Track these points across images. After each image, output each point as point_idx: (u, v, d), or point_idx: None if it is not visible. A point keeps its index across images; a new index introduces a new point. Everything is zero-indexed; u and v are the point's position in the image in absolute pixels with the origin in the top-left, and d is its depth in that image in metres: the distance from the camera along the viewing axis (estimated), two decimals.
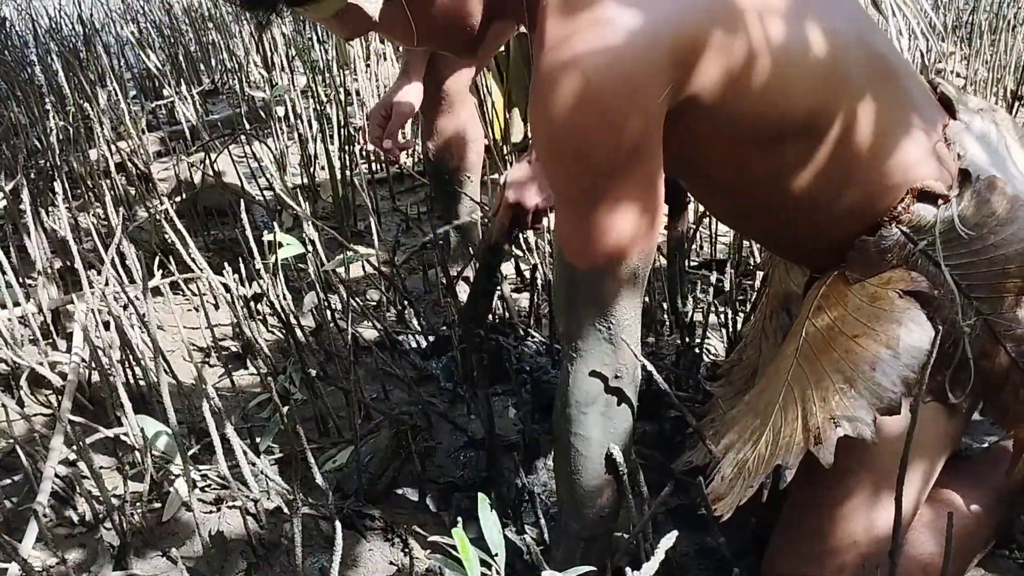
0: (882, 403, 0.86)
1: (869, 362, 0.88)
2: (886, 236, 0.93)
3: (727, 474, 0.95)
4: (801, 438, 0.88)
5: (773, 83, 0.84)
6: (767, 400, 0.98)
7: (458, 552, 0.75)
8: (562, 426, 0.94)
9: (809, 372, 0.93)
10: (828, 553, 0.94)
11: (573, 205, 0.86)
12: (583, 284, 0.88)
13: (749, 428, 0.98)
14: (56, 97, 2.91)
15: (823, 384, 0.90)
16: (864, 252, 0.94)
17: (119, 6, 4.53)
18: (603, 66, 0.78)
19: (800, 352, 0.96)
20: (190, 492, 1.10)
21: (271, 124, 2.59)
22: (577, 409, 0.92)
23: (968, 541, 1.03)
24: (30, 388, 1.54)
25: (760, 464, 0.91)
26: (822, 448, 0.86)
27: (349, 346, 1.41)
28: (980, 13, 3.16)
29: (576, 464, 0.93)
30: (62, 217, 1.68)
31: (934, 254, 0.90)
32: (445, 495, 1.29)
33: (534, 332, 1.68)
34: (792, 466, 0.87)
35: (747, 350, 1.25)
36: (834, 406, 0.88)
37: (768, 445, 0.92)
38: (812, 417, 0.89)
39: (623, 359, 0.91)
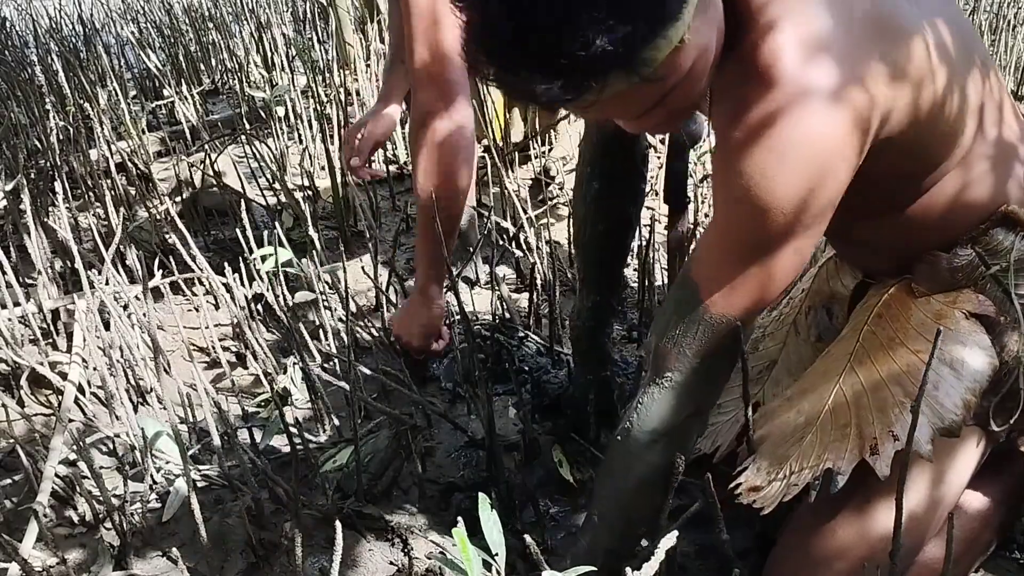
0: (943, 423, 0.85)
1: (932, 380, 0.87)
2: (960, 255, 0.92)
3: (764, 466, 0.94)
4: (854, 445, 0.87)
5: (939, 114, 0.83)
6: (814, 400, 0.96)
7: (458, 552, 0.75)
8: (626, 447, 0.93)
9: (865, 378, 0.92)
10: (833, 556, 0.94)
11: (739, 252, 0.82)
12: (710, 327, 0.85)
13: (791, 424, 0.96)
14: (56, 97, 2.91)
15: (881, 394, 0.89)
16: (935, 267, 0.93)
17: (119, 6, 4.53)
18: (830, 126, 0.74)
19: (855, 356, 0.95)
20: (190, 492, 1.10)
21: (271, 124, 2.59)
22: (650, 436, 0.91)
23: (972, 544, 1.03)
24: (30, 388, 1.54)
25: (805, 461, 0.90)
26: (879, 460, 0.85)
27: (349, 346, 1.41)
28: (980, 13, 3.16)
29: (631, 487, 0.94)
30: (62, 217, 1.68)
31: (1005, 280, 0.90)
32: (445, 495, 1.29)
33: (534, 332, 1.68)
34: (845, 472, 0.86)
35: (765, 340, 1.24)
36: (893, 419, 0.87)
37: (815, 445, 0.91)
38: (868, 426, 0.88)
39: (712, 398, 0.92)
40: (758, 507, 0.91)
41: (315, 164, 2.56)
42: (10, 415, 1.40)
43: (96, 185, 2.26)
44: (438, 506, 1.27)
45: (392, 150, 2.61)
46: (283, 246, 1.65)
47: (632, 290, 1.82)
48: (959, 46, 0.84)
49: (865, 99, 0.76)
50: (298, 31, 4.05)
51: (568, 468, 1.31)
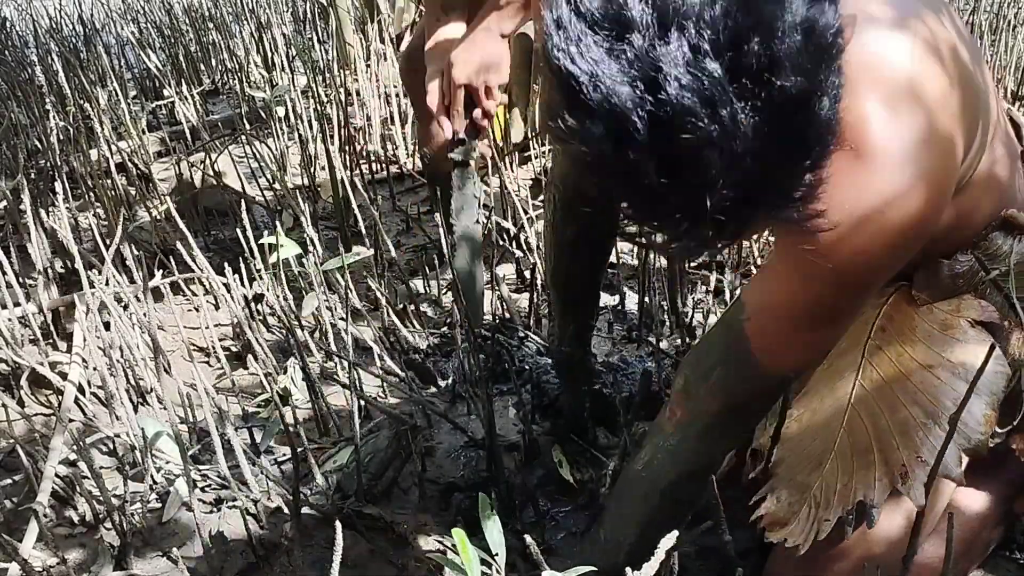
0: (969, 444, 0.84)
1: (952, 399, 0.86)
2: (961, 261, 0.91)
3: (783, 496, 0.93)
4: (882, 473, 0.86)
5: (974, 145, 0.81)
6: (825, 421, 0.95)
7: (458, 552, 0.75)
8: (655, 484, 0.93)
9: (878, 398, 0.91)
10: (834, 557, 0.94)
11: (809, 321, 0.80)
12: (760, 380, 0.85)
13: (806, 448, 0.95)
14: (56, 97, 2.91)
15: (900, 416, 0.88)
16: (936, 274, 0.93)
17: (119, 6, 4.53)
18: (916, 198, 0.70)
19: (863, 373, 0.94)
20: (190, 492, 1.10)
21: (271, 124, 2.59)
22: (679, 476, 0.92)
23: (973, 543, 1.03)
24: (30, 388, 1.54)
25: (831, 494, 0.89)
26: (912, 488, 0.84)
27: (349, 346, 1.41)
28: (980, 13, 3.15)
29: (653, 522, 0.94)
30: (62, 217, 1.68)
31: (1005, 285, 0.89)
32: (445, 495, 1.29)
33: (534, 332, 1.68)
34: (879, 504, 0.86)
35: None
36: (919, 443, 0.86)
37: (836, 473, 0.90)
38: (893, 452, 0.87)
39: (746, 435, 0.93)
40: (790, 545, 0.90)
41: (315, 164, 2.56)
42: (10, 415, 1.40)
43: (96, 185, 2.26)
44: (438, 506, 1.27)
45: (392, 150, 2.61)
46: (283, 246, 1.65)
47: (633, 291, 1.82)
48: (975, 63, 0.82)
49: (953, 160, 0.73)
50: (298, 31, 4.05)
51: (568, 468, 1.31)
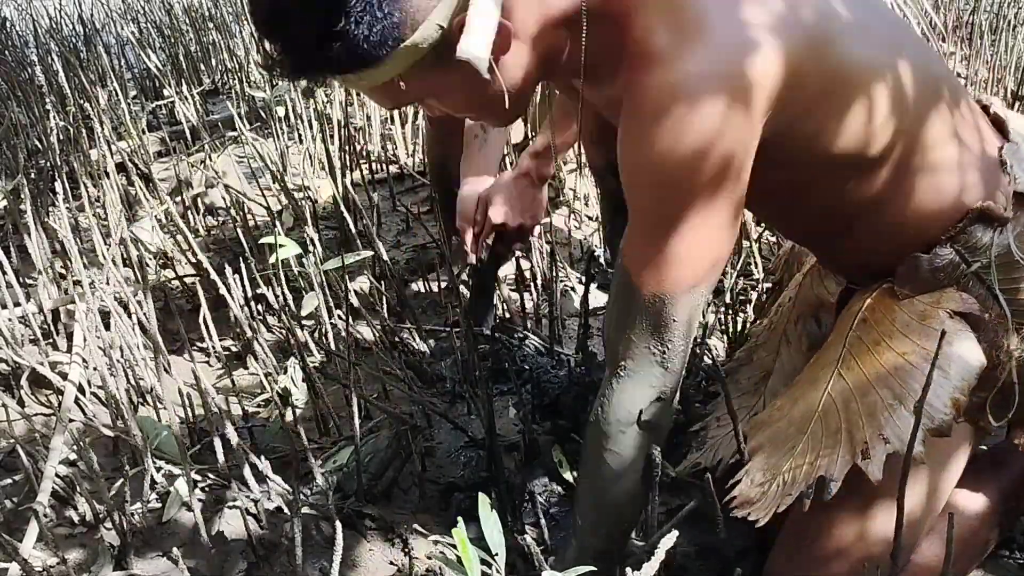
0: (933, 423, 0.86)
1: (919, 380, 0.87)
2: (940, 255, 0.92)
3: (757, 478, 0.94)
4: (846, 451, 0.88)
5: (848, 110, 0.85)
6: (804, 408, 0.96)
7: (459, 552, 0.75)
8: (597, 441, 0.93)
9: (853, 384, 0.92)
10: (832, 556, 0.94)
11: (654, 230, 0.85)
12: (645, 308, 0.87)
13: (783, 434, 0.97)
14: (56, 97, 2.91)
15: (869, 399, 0.90)
16: (916, 269, 0.94)
17: (119, 6, 4.53)
18: (716, 96, 0.77)
19: (842, 362, 0.95)
20: (190, 492, 1.10)
21: (271, 124, 2.59)
22: (616, 427, 0.91)
23: (972, 543, 1.03)
24: (31, 388, 1.54)
25: (798, 472, 0.90)
26: (871, 464, 0.85)
27: (349, 346, 1.41)
28: (980, 13, 3.15)
29: (607, 481, 0.93)
30: (62, 217, 1.69)
31: (987, 277, 0.90)
32: (445, 495, 1.29)
33: (534, 332, 1.68)
34: (837, 479, 0.86)
35: (758, 351, 1.24)
36: (883, 422, 0.87)
37: (807, 454, 0.91)
38: (859, 431, 0.88)
39: (670, 383, 0.91)
40: (752, 519, 0.91)
41: (315, 164, 2.56)
42: (10, 415, 1.40)
43: (96, 185, 2.26)
44: (438, 506, 1.27)
45: (392, 150, 2.61)
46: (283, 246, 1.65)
47: None
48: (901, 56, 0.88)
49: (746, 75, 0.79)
50: None
51: (568, 468, 1.31)
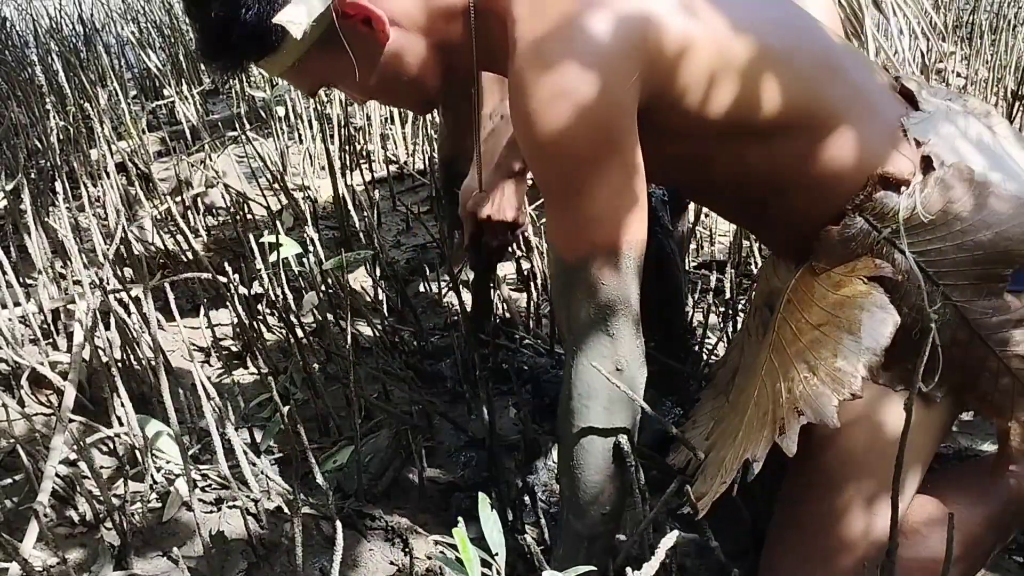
0: (843, 387, 0.86)
1: (831, 349, 0.88)
2: (850, 225, 0.93)
3: (708, 473, 0.96)
4: (769, 431, 0.88)
5: (727, 80, 0.88)
6: (744, 397, 0.98)
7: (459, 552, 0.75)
8: (565, 419, 0.94)
9: (779, 365, 0.93)
10: (825, 554, 0.94)
11: (556, 199, 0.89)
12: (574, 277, 0.90)
13: (731, 427, 0.98)
14: (56, 97, 2.91)
15: (790, 375, 0.91)
16: (829, 242, 0.95)
17: (119, 6, 4.53)
18: (572, 61, 0.82)
19: (772, 346, 0.97)
20: (190, 492, 1.10)
21: (271, 124, 2.59)
22: (579, 402, 0.92)
23: (975, 545, 1.03)
24: (31, 388, 1.54)
25: (735, 460, 0.91)
26: (785, 438, 0.85)
27: (349, 346, 1.41)
28: (980, 13, 3.16)
29: (578, 458, 0.94)
30: (62, 217, 1.69)
31: (899, 241, 0.90)
32: (445, 495, 1.29)
33: (534, 332, 1.68)
34: (759, 459, 0.87)
35: (732, 352, 1.25)
36: (798, 396, 0.88)
37: (743, 443, 0.92)
38: (780, 409, 0.89)
39: (622, 351, 0.91)
40: (695, 512, 0.91)
41: (315, 164, 2.56)
42: (10, 415, 1.40)
43: (96, 185, 2.26)
44: (438, 506, 1.27)
45: (392, 150, 2.62)
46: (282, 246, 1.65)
47: None
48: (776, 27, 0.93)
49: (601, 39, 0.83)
50: None
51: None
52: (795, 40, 0.94)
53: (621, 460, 0.93)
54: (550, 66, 0.82)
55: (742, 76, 0.89)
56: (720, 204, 1.13)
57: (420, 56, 0.95)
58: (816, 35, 0.97)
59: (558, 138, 0.83)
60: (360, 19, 0.91)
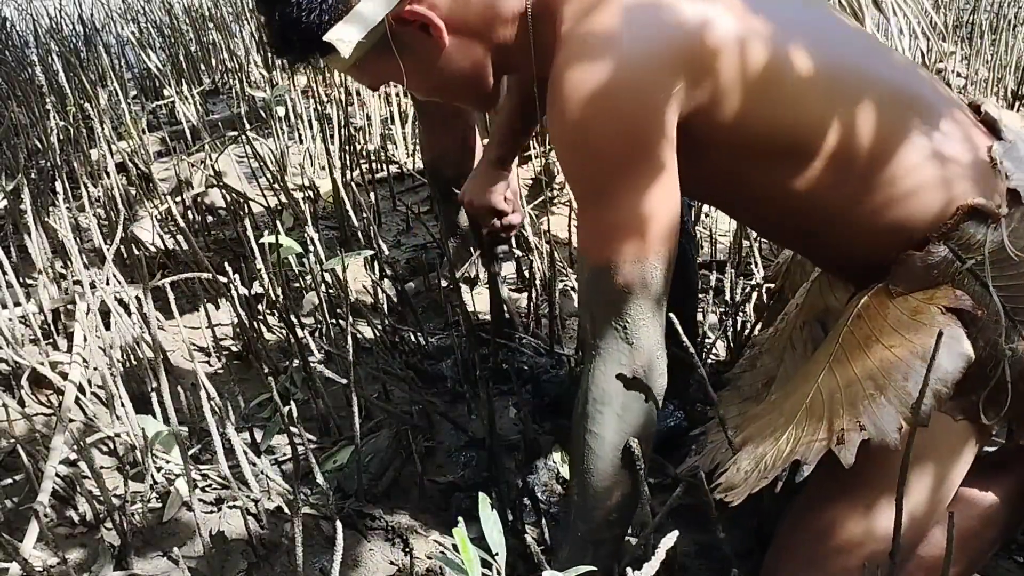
0: (910, 412, 0.85)
1: (902, 372, 0.87)
2: (933, 252, 0.92)
3: (743, 466, 0.95)
4: (824, 437, 0.88)
5: (780, 100, 0.87)
6: (794, 401, 0.97)
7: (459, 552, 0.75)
8: (578, 422, 0.94)
9: (840, 376, 0.93)
10: (830, 556, 0.93)
11: (585, 200, 0.89)
12: (598, 280, 0.90)
13: (771, 425, 0.97)
14: (57, 97, 2.91)
15: (853, 389, 0.90)
16: (910, 267, 0.94)
17: (119, 6, 4.53)
18: (614, 65, 0.81)
19: (834, 358, 0.96)
20: (191, 492, 1.10)
21: (271, 124, 2.59)
22: (593, 407, 0.92)
23: (976, 543, 1.03)
24: (31, 388, 1.54)
25: (778, 458, 0.91)
26: (844, 449, 0.85)
27: (349, 346, 1.41)
28: (981, 13, 3.16)
29: (588, 462, 0.93)
30: (62, 217, 1.68)
31: (982, 274, 0.90)
32: (445, 495, 1.29)
33: (534, 332, 1.68)
34: (811, 462, 0.87)
35: (763, 357, 1.24)
36: (861, 410, 0.87)
37: (789, 442, 0.92)
38: (838, 419, 0.88)
39: (640, 360, 0.91)
40: (728, 500, 0.91)
41: (315, 164, 2.56)
42: (11, 415, 1.40)
43: (96, 185, 2.26)
44: (438, 506, 1.27)
45: (392, 150, 2.62)
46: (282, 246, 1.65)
47: None
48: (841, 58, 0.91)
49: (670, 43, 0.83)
50: None
51: (568, 468, 1.31)
52: (870, 70, 0.91)
53: (631, 467, 0.92)
54: (591, 68, 0.82)
55: (810, 101, 0.87)
56: (764, 227, 1.12)
57: (475, 59, 0.97)
58: (891, 61, 0.95)
59: (591, 139, 0.84)
60: (418, 25, 0.92)
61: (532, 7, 0.94)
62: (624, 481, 0.94)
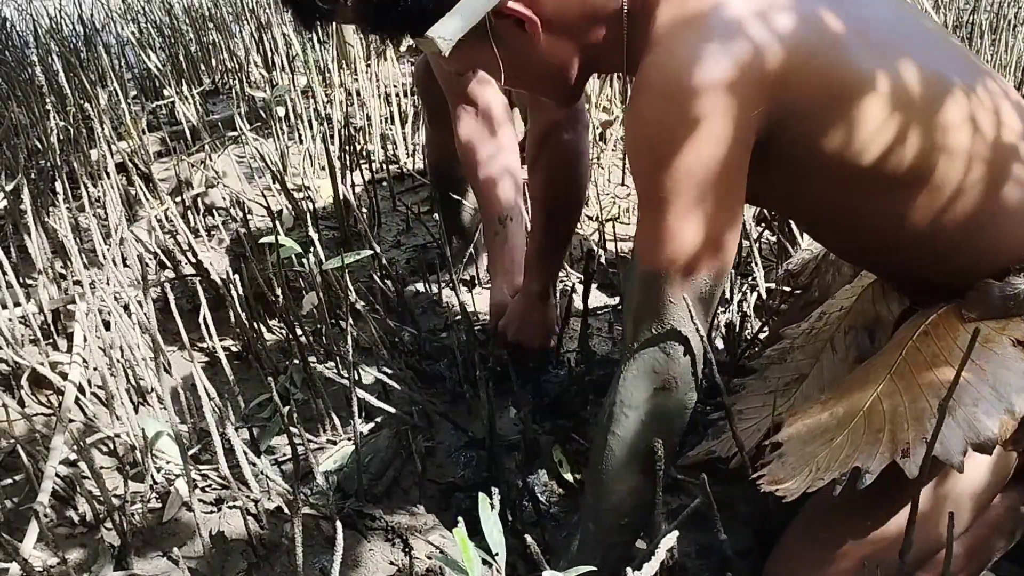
0: (978, 439, 0.85)
1: (972, 396, 0.87)
2: (1013, 283, 0.92)
3: (789, 461, 0.94)
4: (886, 448, 0.88)
5: (876, 125, 0.85)
6: (849, 406, 0.97)
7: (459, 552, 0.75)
8: (603, 422, 0.94)
9: (904, 389, 0.93)
10: (838, 559, 0.93)
11: (648, 204, 0.88)
12: (647, 285, 0.89)
13: (822, 426, 0.97)
14: (57, 97, 2.91)
15: (919, 405, 0.90)
16: (987, 295, 0.93)
17: (119, 6, 4.53)
18: (700, 75, 0.80)
19: (896, 369, 0.95)
20: (190, 492, 1.10)
21: (271, 124, 2.59)
22: (620, 408, 0.92)
23: (985, 553, 1.04)
24: (31, 388, 1.54)
25: (834, 462, 0.90)
26: (909, 463, 0.85)
27: (350, 346, 1.40)
28: (980, 13, 3.16)
29: (606, 463, 0.93)
30: (62, 217, 1.69)
31: None
32: (446, 495, 1.29)
33: None
34: (874, 472, 0.86)
35: (794, 353, 1.24)
36: (928, 428, 0.87)
37: (844, 447, 0.91)
38: (903, 432, 0.88)
39: (675, 371, 0.91)
40: (780, 495, 0.90)
41: (315, 164, 2.56)
42: (11, 415, 1.40)
43: (96, 185, 2.26)
44: (439, 506, 1.27)
45: (392, 150, 2.61)
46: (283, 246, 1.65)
47: None
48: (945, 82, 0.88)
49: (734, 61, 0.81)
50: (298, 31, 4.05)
51: (569, 468, 1.31)
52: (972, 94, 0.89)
53: (650, 473, 0.92)
54: (679, 73, 0.81)
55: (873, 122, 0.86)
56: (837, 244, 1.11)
57: (565, 57, 0.97)
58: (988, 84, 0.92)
59: (663, 145, 0.83)
60: (514, 19, 0.92)
61: (629, 5, 0.93)
62: (641, 488, 0.94)
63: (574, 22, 0.95)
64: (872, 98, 0.85)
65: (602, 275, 1.90)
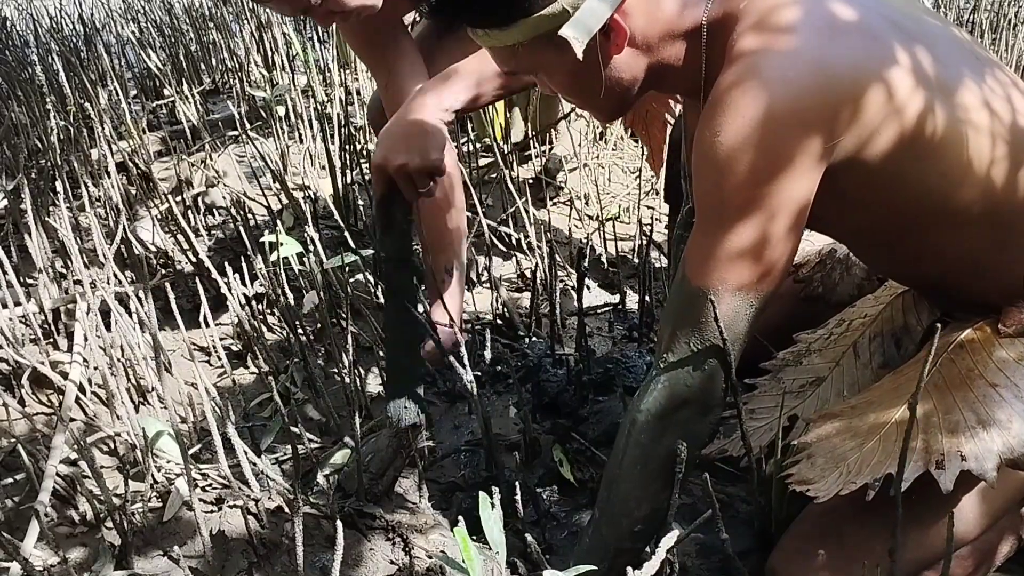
0: (1012, 455, 0.86)
1: (1007, 413, 0.87)
2: None
3: (819, 463, 0.95)
4: (920, 457, 0.88)
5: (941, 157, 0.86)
6: (879, 414, 0.97)
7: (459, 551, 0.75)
8: (625, 426, 0.94)
9: (938, 401, 0.93)
10: (843, 561, 0.93)
11: (706, 220, 0.87)
12: (692, 300, 0.88)
13: (852, 430, 0.97)
14: (57, 97, 2.91)
15: (953, 418, 0.90)
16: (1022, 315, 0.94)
17: (120, 6, 4.53)
18: (780, 99, 0.80)
19: (929, 380, 0.96)
20: (191, 491, 1.10)
21: (272, 124, 2.59)
22: (644, 415, 0.92)
23: (991, 557, 1.04)
24: (31, 387, 1.54)
25: (865, 466, 0.91)
26: (944, 474, 0.86)
27: (350, 346, 1.41)
28: (981, 12, 3.16)
29: (624, 466, 0.93)
30: (63, 217, 1.69)
31: None
32: (446, 495, 1.29)
33: (534, 332, 1.68)
34: (908, 479, 0.87)
35: (811, 356, 1.24)
36: (963, 441, 0.88)
37: (877, 453, 0.92)
38: (937, 443, 0.89)
39: (706, 387, 0.91)
40: (811, 495, 0.91)
41: (315, 164, 2.56)
42: (11, 414, 1.40)
43: (96, 185, 2.26)
44: (439, 506, 1.27)
45: None
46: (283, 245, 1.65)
47: (633, 291, 1.82)
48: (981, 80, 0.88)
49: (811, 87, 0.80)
50: (298, 31, 4.05)
51: (568, 467, 1.31)
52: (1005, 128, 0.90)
53: (669, 482, 0.92)
54: (755, 94, 0.80)
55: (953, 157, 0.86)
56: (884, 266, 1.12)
57: (635, 72, 0.95)
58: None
59: (736, 163, 0.82)
60: (603, 28, 0.89)
61: (708, 24, 0.91)
62: (658, 495, 0.94)
63: (655, 39, 0.93)
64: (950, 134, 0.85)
65: (602, 275, 1.90)
